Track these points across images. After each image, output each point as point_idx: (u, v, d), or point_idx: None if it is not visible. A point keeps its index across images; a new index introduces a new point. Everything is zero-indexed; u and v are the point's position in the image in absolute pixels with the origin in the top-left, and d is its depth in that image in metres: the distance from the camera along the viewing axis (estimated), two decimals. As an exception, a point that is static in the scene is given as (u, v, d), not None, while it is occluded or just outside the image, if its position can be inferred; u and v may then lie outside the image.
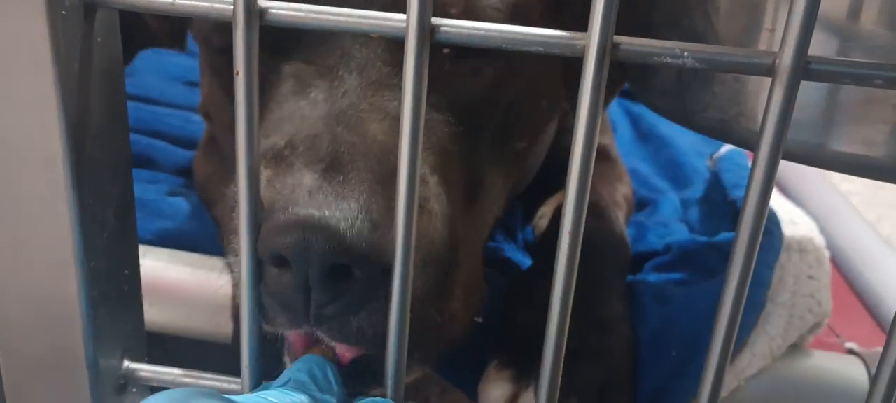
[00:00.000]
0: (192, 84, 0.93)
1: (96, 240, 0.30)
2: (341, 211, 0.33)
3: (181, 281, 0.48)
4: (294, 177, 0.34)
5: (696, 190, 0.71)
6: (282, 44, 0.40)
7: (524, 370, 0.43)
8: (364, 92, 0.38)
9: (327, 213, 0.32)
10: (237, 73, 0.26)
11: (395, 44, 0.39)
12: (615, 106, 0.96)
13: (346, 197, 0.33)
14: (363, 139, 0.36)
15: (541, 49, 0.26)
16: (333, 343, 0.36)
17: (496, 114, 0.44)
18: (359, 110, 0.38)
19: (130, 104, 0.92)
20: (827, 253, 0.51)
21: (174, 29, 0.59)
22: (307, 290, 0.33)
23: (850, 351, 0.50)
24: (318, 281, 0.33)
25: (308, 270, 0.33)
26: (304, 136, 0.36)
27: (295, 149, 0.36)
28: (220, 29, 0.43)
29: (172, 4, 0.27)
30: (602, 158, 0.68)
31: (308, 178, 0.34)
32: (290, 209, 0.33)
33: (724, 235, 0.57)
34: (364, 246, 0.32)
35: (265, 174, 0.35)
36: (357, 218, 0.33)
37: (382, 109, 0.38)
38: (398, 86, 0.39)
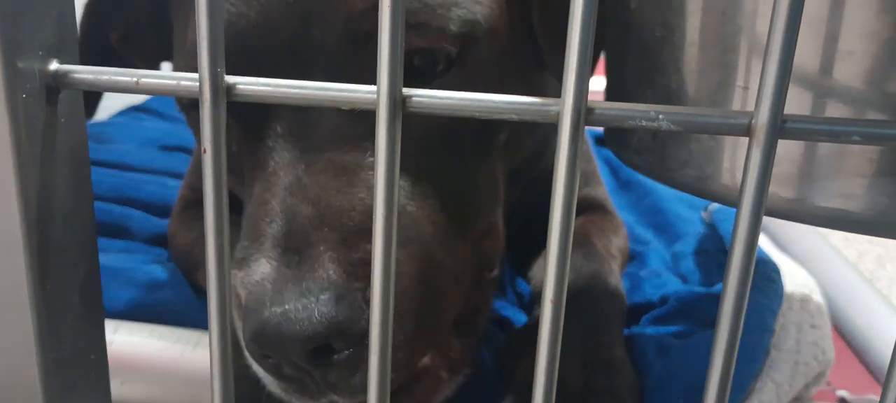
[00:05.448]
0: (168, 148, 0.92)
1: (60, 327, 0.28)
2: (304, 296, 0.34)
3: (155, 357, 0.47)
4: (256, 271, 0.35)
5: (687, 243, 0.71)
6: (252, 121, 0.40)
7: None
8: (321, 148, 0.38)
9: (289, 306, 0.33)
10: (204, 151, 0.26)
11: None
12: (595, 156, 0.96)
13: (306, 277, 0.34)
14: (316, 206, 0.36)
15: (515, 116, 0.26)
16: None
17: (466, 133, 0.43)
18: (314, 171, 0.38)
19: (106, 171, 0.91)
20: (825, 305, 0.51)
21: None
22: (304, 369, 0.35)
23: (843, 401, 0.50)
24: (306, 361, 0.34)
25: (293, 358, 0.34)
26: (261, 222, 0.37)
27: (255, 241, 0.37)
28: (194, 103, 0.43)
29: (137, 83, 0.26)
30: (597, 210, 0.68)
31: (268, 269, 0.35)
32: (259, 310, 0.34)
33: (721, 286, 0.57)
34: (332, 324, 0.33)
35: (238, 276, 0.36)
36: (318, 298, 0.34)
37: (338, 165, 0.38)
38: (355, 136, 0.39)
